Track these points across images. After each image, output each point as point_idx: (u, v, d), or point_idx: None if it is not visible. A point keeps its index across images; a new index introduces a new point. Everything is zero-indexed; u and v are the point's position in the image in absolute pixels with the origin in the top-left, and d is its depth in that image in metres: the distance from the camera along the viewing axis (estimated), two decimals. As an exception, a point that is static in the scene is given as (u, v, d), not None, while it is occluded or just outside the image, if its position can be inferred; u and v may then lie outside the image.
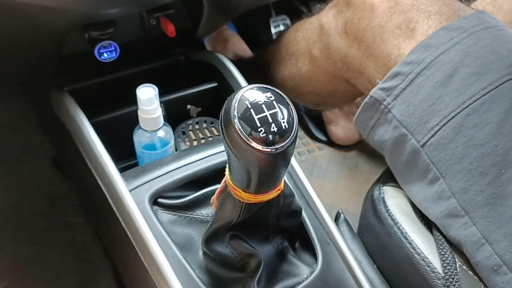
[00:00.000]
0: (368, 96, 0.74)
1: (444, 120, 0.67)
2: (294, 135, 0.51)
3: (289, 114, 0.51)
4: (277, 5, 1.39)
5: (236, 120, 0.50)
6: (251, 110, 0.50)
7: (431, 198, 0.69)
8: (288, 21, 1.41)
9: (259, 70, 1.08)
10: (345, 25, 0.80)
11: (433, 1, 0.73)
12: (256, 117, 0.49)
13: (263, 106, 0.50)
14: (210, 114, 0.93)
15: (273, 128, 0.50)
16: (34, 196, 1.16)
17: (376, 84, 0.74)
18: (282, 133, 0.50)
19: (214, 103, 0.93)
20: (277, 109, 0.50)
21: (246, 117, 0.50)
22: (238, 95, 0.51)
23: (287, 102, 0.52)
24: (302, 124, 1.37)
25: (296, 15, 1.35)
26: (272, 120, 0.50)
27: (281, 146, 0.50)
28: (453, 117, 0.66)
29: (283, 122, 0.50)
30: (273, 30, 1.39)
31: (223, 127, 0.51)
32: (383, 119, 0.73)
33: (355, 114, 0.77)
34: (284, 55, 0.99)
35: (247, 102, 0.50)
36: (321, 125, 1.35)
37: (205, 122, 0.91)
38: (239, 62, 1.23)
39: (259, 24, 1.41)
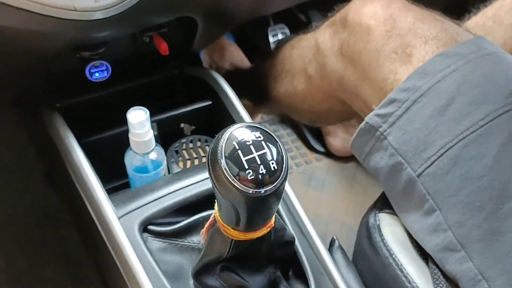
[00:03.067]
0: (364, 122, 0.72)
1: (441, 151, 0.65)
2: (284, 176, 0.50)
3: (278, 153, 0.49)
4: (275, 14, 1.37)
5: (223, 161, 0.48)
6: (239, 151, 0.48)
7: (427, 229, 0.67)
8: (286, 30, 1.39)
9: (255, 85, 1.06)
10: (341, 47, 0.78)
11: (431, 26, 0.71)
12: (243, 159, 0.48)
13: (251, 146, 0.48)
14: (204, 132, 0.91)
15: (262, 170, 0.48)
16: (28, 208, 1.15)
17: (372, 108, 0.72)
18: (271, 174, 0.49)
19: (208, 121, 0.91)
20: (266, 150, 0.49)
21: (233, 158, 0.48)
22: (226, 134, 0.49)
23: (276, 141, 0.50)
24: (300, 135, 1.36)
25: (294, 24, 1.34)
26: (260, 161, 0.48)
27: (270, 188, 0.49)
28: (450, 147, 0.64)
29: (272, 163, 0.49)
30: (271, 39, 1.37)
31: (210, 167, 0.49)
32: (379, 146, 0.71)
33: (351, 138, 0.76)
34: (279, 71, 0.97)
35: (235, 142, 0.48)
36: (319, 136, 1.34)
37: (199, 140, 0.89)
38: (236, 73, 1.21)
39: (257, 33, 1.39)
